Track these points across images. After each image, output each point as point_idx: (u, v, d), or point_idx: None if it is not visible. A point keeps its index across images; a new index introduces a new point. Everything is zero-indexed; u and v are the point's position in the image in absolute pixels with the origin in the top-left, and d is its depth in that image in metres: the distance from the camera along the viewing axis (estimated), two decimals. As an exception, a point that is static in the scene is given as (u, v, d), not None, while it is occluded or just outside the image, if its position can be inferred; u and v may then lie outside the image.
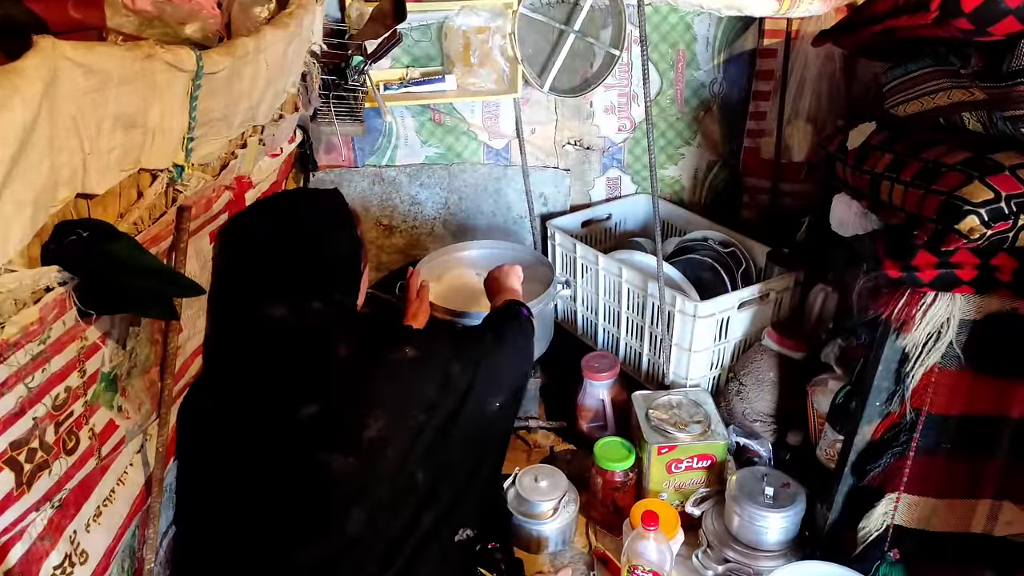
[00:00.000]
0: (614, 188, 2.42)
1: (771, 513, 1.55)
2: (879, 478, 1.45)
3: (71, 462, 0.91)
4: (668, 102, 2.27)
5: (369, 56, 1.80)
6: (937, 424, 1.38)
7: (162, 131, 0.96)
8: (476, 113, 2.20)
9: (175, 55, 0.93)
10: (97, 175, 0.86)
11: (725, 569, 1.59)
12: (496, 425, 1.38)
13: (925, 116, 1.41)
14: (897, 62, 1.49)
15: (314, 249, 1.17)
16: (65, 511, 0.94)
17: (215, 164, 1.18)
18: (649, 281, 1.92)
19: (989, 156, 1.21)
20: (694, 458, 1.72)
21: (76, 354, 0.89)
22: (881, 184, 1.38)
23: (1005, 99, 1.18)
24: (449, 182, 2.28)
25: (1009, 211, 1.14)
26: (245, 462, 1.14)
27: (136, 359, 1.04)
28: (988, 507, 1.43)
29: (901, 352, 1.34)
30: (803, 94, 2.07)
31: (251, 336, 1.12)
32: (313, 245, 1.17)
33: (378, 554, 1.17)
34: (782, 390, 1.84)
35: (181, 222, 1.08)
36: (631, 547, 1.48)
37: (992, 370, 1.31)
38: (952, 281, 1.24)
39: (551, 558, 1.72)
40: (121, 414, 1.02)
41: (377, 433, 1.14)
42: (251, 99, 1.21)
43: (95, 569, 1.00)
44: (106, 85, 0.84)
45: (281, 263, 1.15)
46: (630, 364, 2.12)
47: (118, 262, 0.83)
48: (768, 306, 1.95)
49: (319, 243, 1.18)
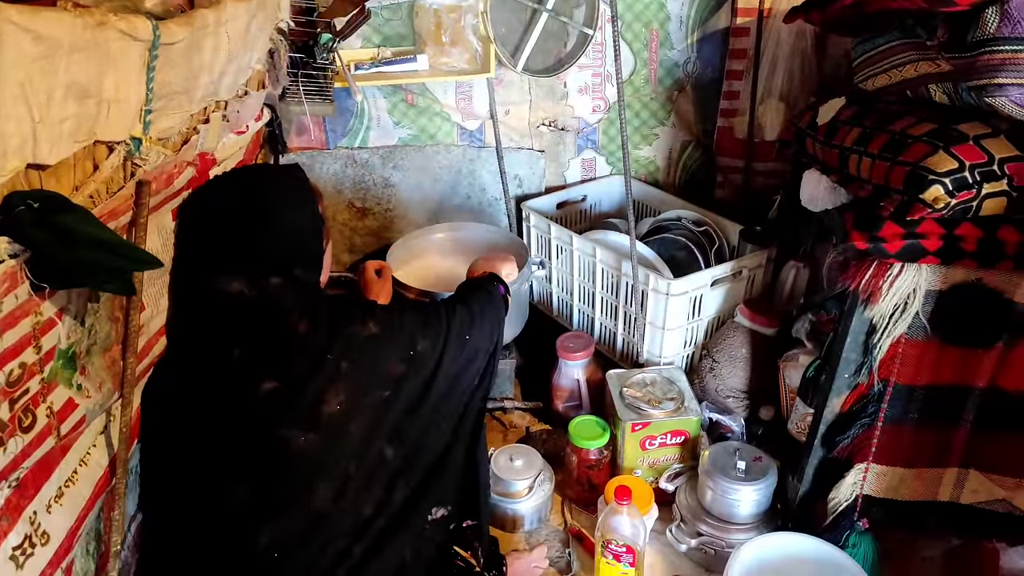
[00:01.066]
0: (589, 169, 2.41)
1: (743, 486, 1.57)
2: (848, 449, 1.46)
3: (28, 440, 0.89)
4: (642, 82, 2.26)
5: (338, 33, 1.78)
6: (904, 394, 1.39)
7: (117, 102, 0.94)
8: (449, 94, 2.18)
9: (129, 23, 0.91)
10: (48, 145, 0.84)
11: (698, 542, 1.60)
12: (471, 401, 1.37)
13: (893, 89, 1.42)
14: (866, 37, 1.50)
15: (273, 224, 1.15)
16: (23, 491, 0.92)
17: (176, 139, 1.16)
18: (623, 261, 1.92)
19: (954, 127, 1.22)
20: (668, 434, 1.73)
21: (30, 329, 0.87)
22: (850, 158, 1.39)
23: (970, 70, 1.19)
24: (423, 164, 2.26)
25: (973, 180, 1.16)
26: (208, 441, 1.13)
27: (96, 336, 1.02)
28: (955, 475, 1.45)
29: (868, 324, 1.35)
30: (776, 72, 2.07)
31: (210, 312, 1.11)
32: (272, 219, 1.15)
33: (347, 529, 1.16)
34: (754, 366, 1.85)
35: (140, 197, 1.06)
36: (605, 522, 1.49)
37: (957, 340, 1.33)
38: (918, 252, 1.25)
39: (526, 536, 1.73)
40: (81, 392, 1.00)
41: (338, 408, 1.13)
42: (212, 73, 1.19)
43: (57, 550, 0.99)
44: (56, 52, 0.82)
45: (239, 237, 1.13)
46: (605, 344, 2.13)
47: (69, 233, 0.81)
48: (741, 283, 1.96)
49: (279, 218, 1.16)
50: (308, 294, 1.17)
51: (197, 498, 1.14)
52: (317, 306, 1.15)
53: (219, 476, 1.11)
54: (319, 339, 1.12)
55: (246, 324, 1.10)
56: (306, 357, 1.12)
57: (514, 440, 1.96)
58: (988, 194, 1.16)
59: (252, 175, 1.27)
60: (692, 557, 1.64)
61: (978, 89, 1.19)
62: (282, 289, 1.12)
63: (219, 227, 1.13)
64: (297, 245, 1.19)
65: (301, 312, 1.12)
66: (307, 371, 1.11)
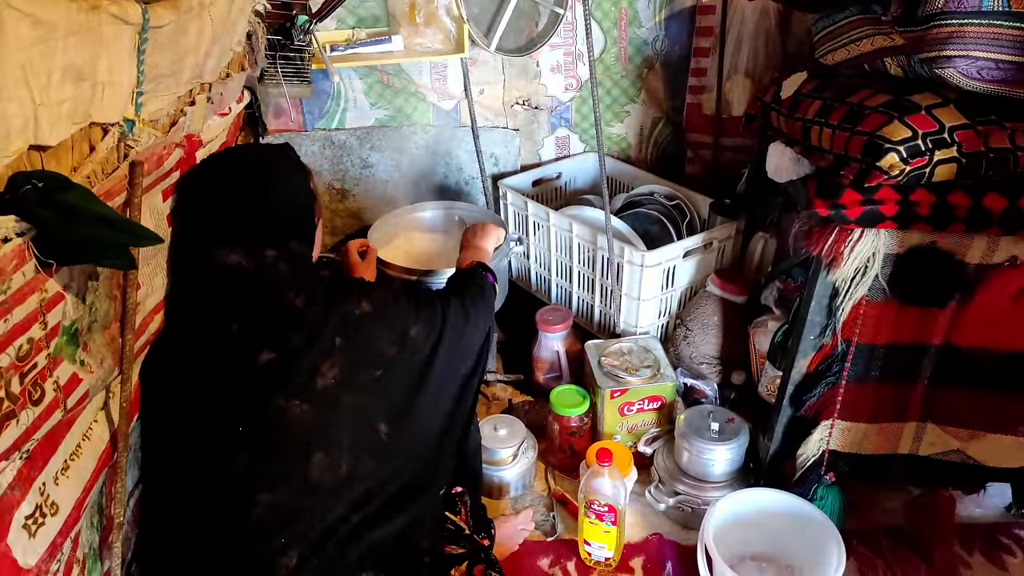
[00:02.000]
0: (563, 147, 2.46)
1: (717, 446, 1.65)
2: (814, 407, 1.54)
3: (38, 412, 0.92)
4: (612, 60, 2.31)
5: (314, 15, 1.80)
6: (866, 354, 1.48)
7: (111, 84, 0.97)
8: (424, 74, 2.21)
9: (120, 7, 0.94)
10: (49, 126, 0.87)
11: (676, 501, 1.68)
12: (466, 383, 1.43)
13: (851, 63, 1.49)
14: (826, 13, 1.56)
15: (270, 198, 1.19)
16: (33, 463, 0.95)
17: (165, 121, 1.18)
18: (598, 235, 1.98)
19: (907, 98, 1.30)
20: (645, 400, 1.81)
21: (37, 305, 0.90)
22: (811, 129, 1.45)
23: (920, 43, 1.26)
24: (400, 144, 2.29)
25: (925, 148, 1.23)
26: (207, 411, 1.17)
27: (96, 314, 1.05)
28: (913, 429, 1.54)
29: (832, 287, 1.43)
30: (741, 49, 2.14)
31: (208, 285, 1.14)
32: (269, 194, 1.19)
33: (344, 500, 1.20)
34: (726, 333, 1.93)
35: (134, 177, 1.09)
36: (587, 484, 1.56)
37: (914, 300, 1.41)
38: (876, 217, 1.32)
39: (512, 502, 1.80)
40: (84, 368, 1.03)
41: (332, 381, 1.17)
42: (197, 55, 1.21)
43: (66, 520, 1.02)
44: (53, 36, 0.85)
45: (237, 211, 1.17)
46: (582, 316, 2.19)
47: (72, 211, 0.85)
48: (712, 254, 2.03)
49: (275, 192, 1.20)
50: (304, 268, 1.21)
51: (198, 467, 1.18)
52: (314, 282, 1.19)
53: (220, 445, 1.15)
54: (316, 313, 1.16)
55: (245, 296, 1.14)
56: (303, 330, 1.16)
57: (497, 412, 2.02)
58: (939, 160, 1.24)
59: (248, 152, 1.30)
60: (670, 516, 1.72)
61: (928, 61, 1.26)
62: (279, 261, 1.16)
63: (217, 201, 1.16)
64: (293, 219, 1.22)
65: (299, 287, 1.16)
66: (304, 343, 1.15)
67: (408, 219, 2.15)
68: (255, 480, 1.15)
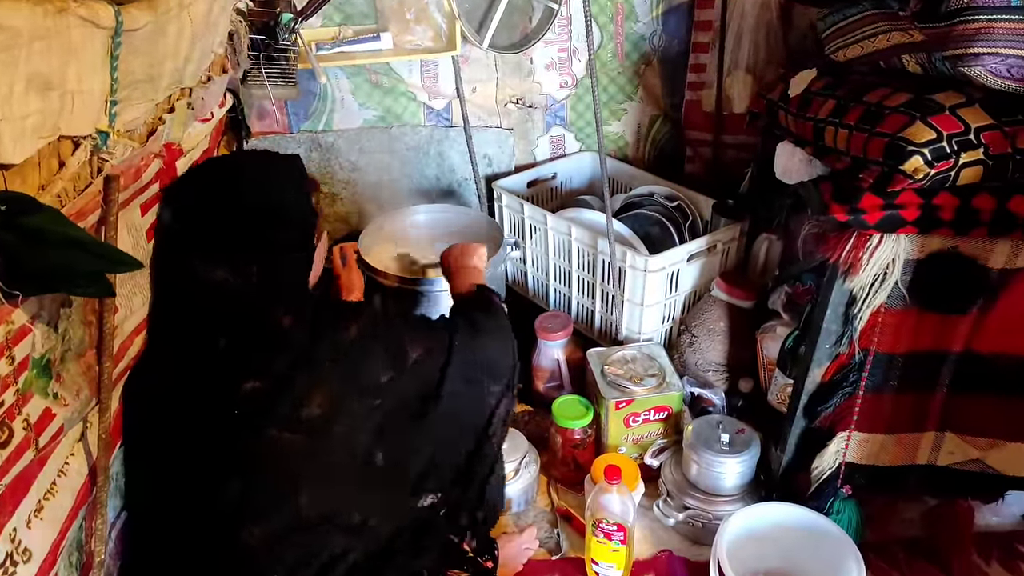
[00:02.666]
0: (558, 147, 2.39)
1: (727, 459, 1.59)
2: (830, 418, 1.49)
3: (6, 455, 0.85)
4: (609, 56, 2.24)
5: (299, 13, 1.72)
6: (884, 363, 1.42)
7: (81, 93, 0.88)
8: (414, 73, 2.13)
9: (90, 10, 0.85)
10: (12, 143, 0.78)
11: (685, 516, 1.62)
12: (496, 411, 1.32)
13: (865, 60, 1.42)
14: (834, 8, 1.50)
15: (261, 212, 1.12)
16: (2, 508, 0.87)
17: (142, 130, 1.10)
18: (598, 238, 1.91)
19: (929, 97, 1.24)
20: (651, 410, 1.74)
21: (3, 339, 0.82)
22: (825, 129, 1.39)
23: (944, 39, 1.20)
24: (390, 145, 2.21)
25: (951, 150, 1.17)
26: (194, 440, 1.11)
27: (70, 342, 0.97)
28: (932, 439, 1.49)
29: (848, 295, 1.37)
30: (741, 44, 2.07)
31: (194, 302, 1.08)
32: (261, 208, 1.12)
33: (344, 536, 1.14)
34: (732, 339, 1.87)
35: (109, 193, 1.01)
36: (595, 502, 1.49)
37: (935, 307, 1.35)
38: (897, 222, 1.26)
39: (515, 518, 1.73)
40: (57, 401, 0.95)
41: (318, 411, 1.11)
42: (177, 59, 1.13)
43: (40, 567, 0.94)
44: (16, 43, 0.76)
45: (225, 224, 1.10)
46: (583, 322, 2.13)
47: (39, 235, 0.76)
48: (716, 257, 1.97)
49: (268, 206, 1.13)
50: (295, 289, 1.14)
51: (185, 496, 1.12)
52: (303, 303, 1.13)
53: (209, 473, 1.09)
54: (302, 337, 1.10)
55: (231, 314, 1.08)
56: (288, 354, 1.09)
57: (496, 423, 1.95)
58: (965, 163, 1.18)
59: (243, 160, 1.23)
60: (680, 531, 1.66)
61: (953, 59, 1.20)
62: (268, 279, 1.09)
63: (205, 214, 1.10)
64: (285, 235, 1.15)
65: (287, 306, 1.10)
66: (288, 369, 1.09)
67: (400, 224, 2.07)
68: (246, 510, 1.10)
